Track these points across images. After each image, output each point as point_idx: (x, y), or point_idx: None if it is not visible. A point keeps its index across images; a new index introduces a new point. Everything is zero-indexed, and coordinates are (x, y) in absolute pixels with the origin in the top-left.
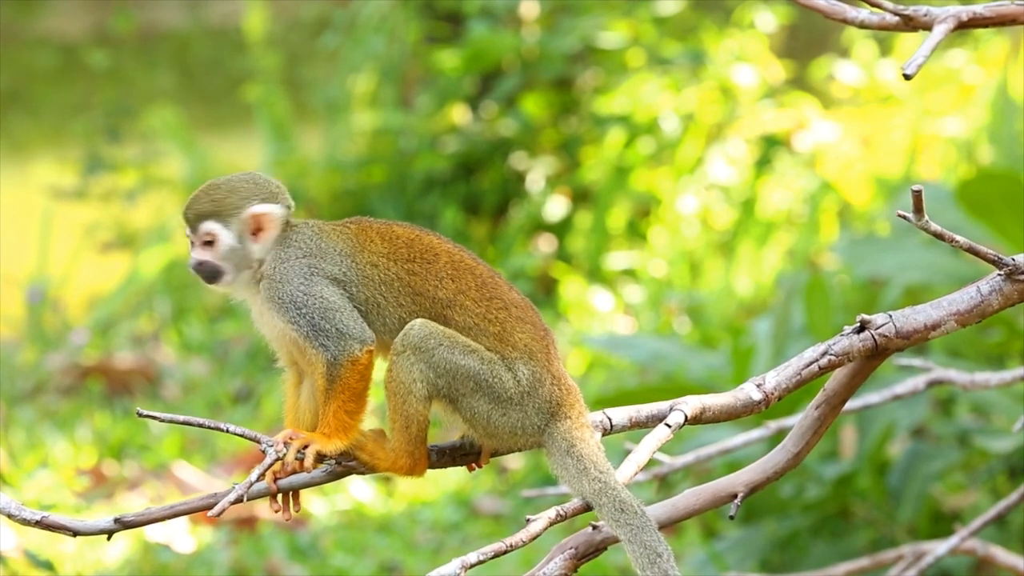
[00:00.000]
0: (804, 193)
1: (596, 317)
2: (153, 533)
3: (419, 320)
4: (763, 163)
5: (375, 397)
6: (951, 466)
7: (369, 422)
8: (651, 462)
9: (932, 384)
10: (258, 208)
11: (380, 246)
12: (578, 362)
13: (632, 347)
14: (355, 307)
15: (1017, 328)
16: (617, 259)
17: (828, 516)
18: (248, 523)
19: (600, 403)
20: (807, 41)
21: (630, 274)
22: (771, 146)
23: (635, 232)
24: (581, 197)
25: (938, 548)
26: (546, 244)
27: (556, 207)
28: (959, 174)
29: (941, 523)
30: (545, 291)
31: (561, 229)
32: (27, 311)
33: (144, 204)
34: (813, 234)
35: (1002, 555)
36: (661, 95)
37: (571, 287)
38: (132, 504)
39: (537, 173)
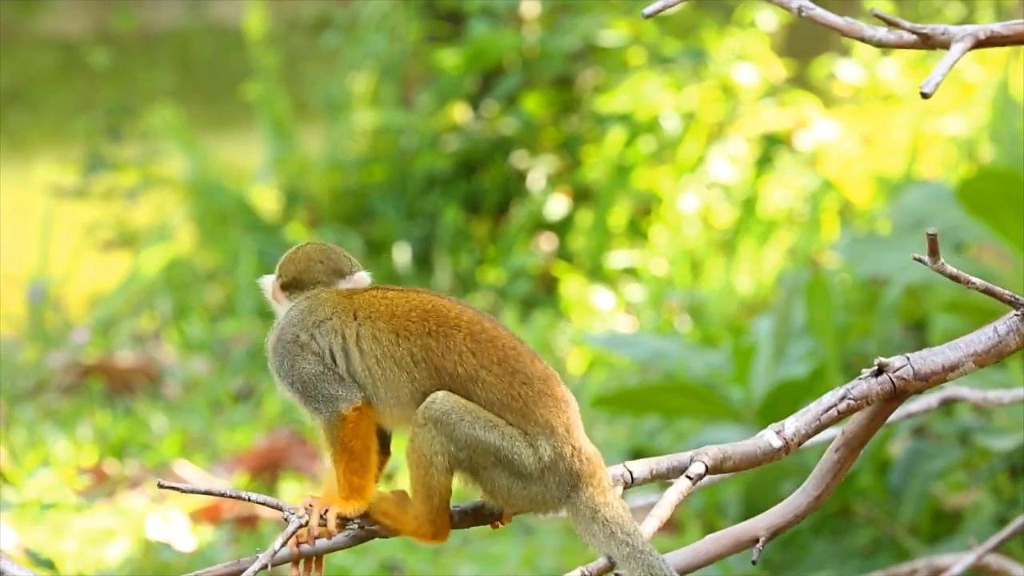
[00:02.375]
0: (805, 192)
1: (597, 316)
2: (154, 531)
3: (442, 393)
4: (764, 162)
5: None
6: (952, 465)
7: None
8: (662, 484)
9: (945, 402)
10: (264, 278)
11: (387, 322)
12: (579, 361)
13: (633, 346)
14: (344, 378)
15: None
16: (618, 258)
17: (829, 515)
18: (249, 522)
19: (601, 402)
20: (808, 40)
21: (631, 273)
22: (772, 145)
23: (636, 231)
24: (582, 196)
25: (955, 567)
26: (547, 243)
27: (557, 206)
28: (960, 173)
29: (942, 522)
30: (546, 290)
31: (562, 228)
32: (28, 310)
33: (145, 203)
34: (814, 233)
35: (1017, 570)
36: (662, 94)
37: (572, 286)
38: (133, 503)
39: (538, 172)
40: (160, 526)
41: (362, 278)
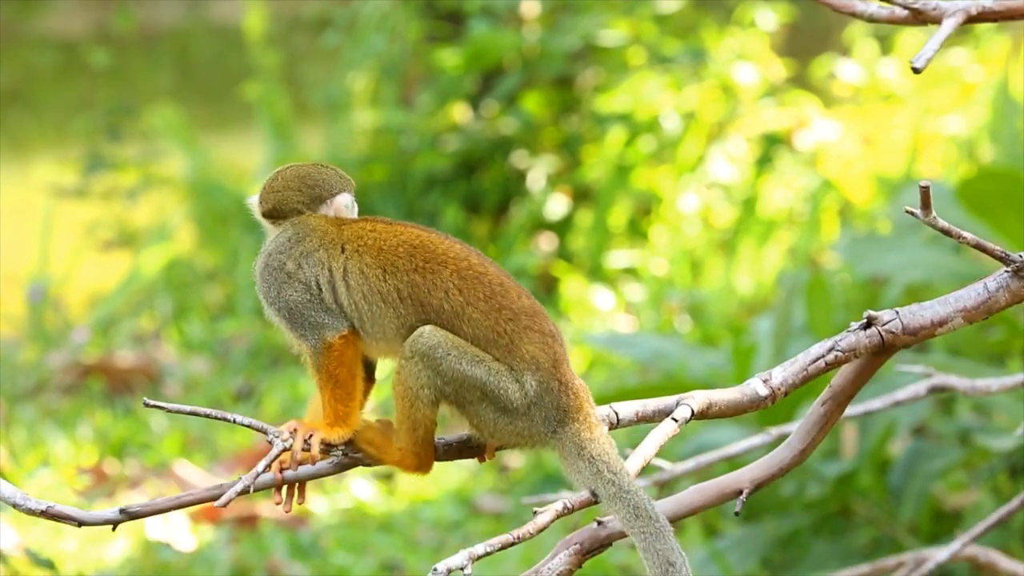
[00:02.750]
0: (805, 192)
1: (597, 315)
2: (154, 531)
3: (428, 328)
4: (764, 161)
5: (379, 393)
6: (952, 465)
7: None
8: (652, 468)
9: (933, 390)
10: (251, 198)
11: (375, 257)
12: (579, 360)
13: (633, 345)
14: (331, 308)
15: (1018, 327)
16: (618, 257)
17: (829, 515)
18: (249, 521)
19: (602, 402)
20: (808, 39)
21: (631, 272)
22: (772, 144)
23: (636, 230)
24: (582, 195)
25: (939, 554)
26: (547, 242)
27: (557, 205)
28: (960, 173)
29: (942, 522)
30: (546, 289)
31: (562, 227)
32: (28, 310)
33: (145, 203)
34: (814, 233)
35: (1004, 562)
36: (662, 93)
37: (572, 286)
38: (133, 503)
39: (538, 171)
40: (160, 526)
41: (342, 202)
